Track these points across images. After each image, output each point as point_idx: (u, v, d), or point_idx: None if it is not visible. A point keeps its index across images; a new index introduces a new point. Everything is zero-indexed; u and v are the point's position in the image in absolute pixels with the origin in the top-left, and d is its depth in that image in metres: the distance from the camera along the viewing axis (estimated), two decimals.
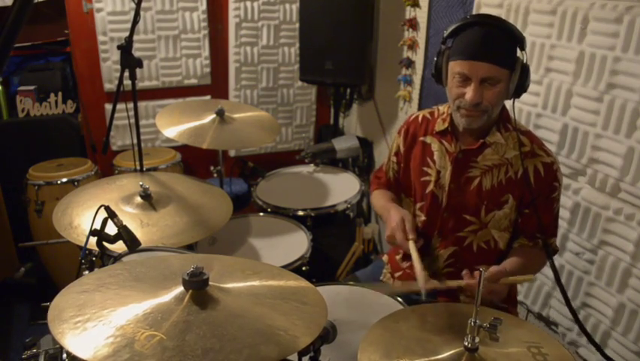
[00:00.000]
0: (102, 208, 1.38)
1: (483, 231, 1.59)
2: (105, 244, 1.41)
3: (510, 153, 1.53)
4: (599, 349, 1.55)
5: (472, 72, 1.42)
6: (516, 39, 1.44)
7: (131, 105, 2.01)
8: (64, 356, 1.27)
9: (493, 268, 1.40)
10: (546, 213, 1.54)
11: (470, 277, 1.42)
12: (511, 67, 1.44)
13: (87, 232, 1.39)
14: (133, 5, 1.87)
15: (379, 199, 1.82)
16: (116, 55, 2.88)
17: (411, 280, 1.78)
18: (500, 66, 1.42)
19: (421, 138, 1.68)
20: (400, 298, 1.57)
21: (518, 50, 1.46)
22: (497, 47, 1.42)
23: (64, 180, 2.64)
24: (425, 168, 1.66)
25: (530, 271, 1.54)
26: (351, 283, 1.70)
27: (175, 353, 0.85)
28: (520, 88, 1.47)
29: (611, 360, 1.61)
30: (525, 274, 1.47)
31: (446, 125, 1.61)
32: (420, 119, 1.71)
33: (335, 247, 2.69)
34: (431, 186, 1.64)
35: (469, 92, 1.43)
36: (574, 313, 1.53)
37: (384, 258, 1.89)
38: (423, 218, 1.69)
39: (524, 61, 1.45)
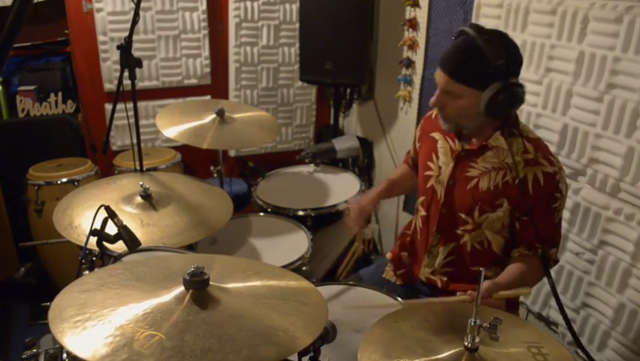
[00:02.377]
0: (102, 208, 1.38)
1: (477, 231, 1.58)
2: (105, 243, 1.40)
3: (511, 159, 1.51)
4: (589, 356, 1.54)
5: (437, 79, 1.49)
6: (485, 60, 1.39)
7: (130, 105, 2.01)
8: (65, 355, 1.27)
9: (486, 284, 1.39)
10: (545, 223, 1.50)
11: (463, 295, 1.41)
12: (474, 85, 1.42)
13: (87, 232, 1.39)
14: (133, 5, 1.87)
15: (393, 173, 1.99)
16: (116, 55, 2.88)
17: (413, 279, 1.79)
18: (457, 82, 1.43)
19: (431, 135, 1.70)
20: (399, 299, 1.57)
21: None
22: (460, 62, 1.43)
23: (64, 180, 2.64)
24: (429, 163, 1.68)
25: (529, 282, 1.53)
26: (352, 283, 1.70)
27: (173, 353, 0.85)
28: (494, 108, 1.44)
29: None
30: (523, 286, 1.45)
31: None
32: (433, 116, 1.74)
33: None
34: (432, 181, 1.66)
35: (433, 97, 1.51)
36: (569, 324, 1.52)
37: (388, 255, 1.90)
38: (423, 213, 1.70)
39: (510, 81, 1.42)
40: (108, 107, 3.04)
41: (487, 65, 1.39)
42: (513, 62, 1.44)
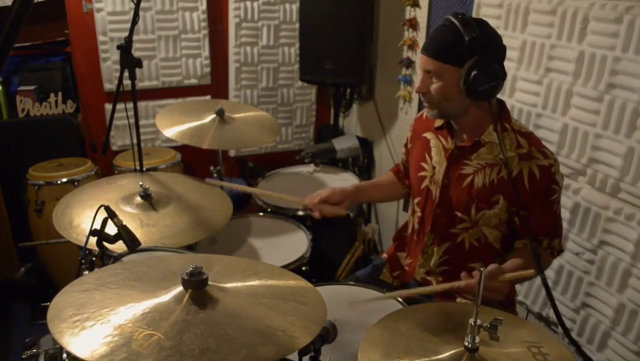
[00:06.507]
0: (102, 208, 1.38)
1: (474, 229, 1.58)
2: (105, 244, 1.40)
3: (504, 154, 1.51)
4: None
5: (420, 64, 1.51)
6: (459, 35, 1.39)
7: (130, 105, 2.00)
8: (65, 355, 1.27)
9: (491, 266, 1.38)
10: (546, 215, 1.52)
11: (468, 278, 1.38)
12: (453, 63, 1.43)
13: (87, 232, 1.39)
14: (133, 5, 1.87)
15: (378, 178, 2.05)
16: (116, 55, 2.88)
17: (409, 279, 1.79)
18: (436, 59, 1.44)
19: (424, 135, 1.70)
20: (400, 299, 1.57)
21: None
22: (438, 41, 1.46)
23: (64, 180, 2.64)
24: (423, 164, 1.68)
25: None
26: (351, 283, 1.70)
27: (172, 353, 0.85)
28: (473, 84, 1.42)
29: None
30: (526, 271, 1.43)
31: (442, 122, 1.63)
32: (424, 116, 1.74)
33: (335, 247, 2.69)
34: (426, 182, 1.66)
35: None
36: (564, 327, 1.49)
37: (384, 256, 1.90)
38: (419, 214, 1.70)
39: (487, 56, 1.41)
40: (108, 107, 3.04)
41: (460, 40, 1.40)
42: (490, 40, 1.43)
